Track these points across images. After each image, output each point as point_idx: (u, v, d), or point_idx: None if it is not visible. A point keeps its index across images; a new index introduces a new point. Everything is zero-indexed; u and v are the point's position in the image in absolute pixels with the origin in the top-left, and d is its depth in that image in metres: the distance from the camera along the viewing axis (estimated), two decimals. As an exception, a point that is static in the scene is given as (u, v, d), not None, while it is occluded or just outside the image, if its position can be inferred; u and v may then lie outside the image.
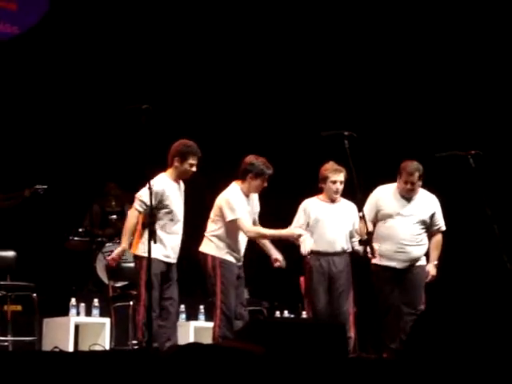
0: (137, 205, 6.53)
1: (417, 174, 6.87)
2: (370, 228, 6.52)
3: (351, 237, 7.01)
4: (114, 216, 9.66)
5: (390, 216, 6.92)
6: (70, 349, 7.63)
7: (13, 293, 7.88)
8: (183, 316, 8.32)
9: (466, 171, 6.47)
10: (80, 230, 9.50)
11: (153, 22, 10.17)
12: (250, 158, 6.74)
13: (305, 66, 10.09)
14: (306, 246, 6.66)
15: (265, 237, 6.78)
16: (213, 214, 6.77)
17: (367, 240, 6.26)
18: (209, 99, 10.21)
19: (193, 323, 8.31)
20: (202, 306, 8.46)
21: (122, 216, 9.71)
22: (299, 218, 7.02)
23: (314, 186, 7.09)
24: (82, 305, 8.03)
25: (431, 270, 7.00)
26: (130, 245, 6.74)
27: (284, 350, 4.41)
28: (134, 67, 10.08)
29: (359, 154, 6.66)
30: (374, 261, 6.80)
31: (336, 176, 6.95)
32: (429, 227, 7.01)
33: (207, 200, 7.08)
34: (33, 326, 7.83)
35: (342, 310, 6.92)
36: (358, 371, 4.22)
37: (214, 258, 6.73)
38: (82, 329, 8.11)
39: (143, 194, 6.43)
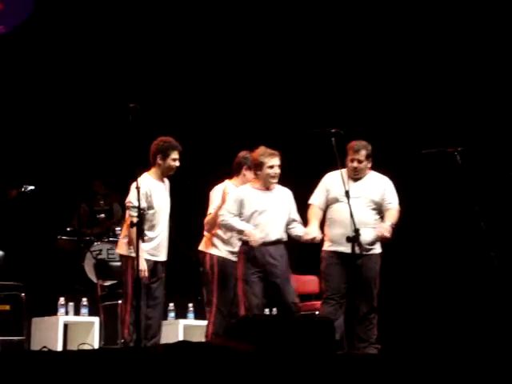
0: (132, 213, 6.45)
1: (363, 152, 6.65)
2: (317, 214, 6.55)
3: (288, 224, 6.70)
4: (102, 215, 9.66)
5: (337, 199, 6.67)
6: (59, 348, 7.62)
7: (1, 292, 7.86)
8: (172, 314, 8.32)
9: (453, 168, 6.49)
10: (68, 229, 9.50)
11: (140, 20, 10.14)
12: (244, 153, 6.87)
13: (293, 64, 10.08)
14: (256, 238, 6.50)
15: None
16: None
17: (354, 237, 6.27)
18: (196, 97, 10.19)
19: (182, 321, 8.30)
20: (191, 305, 8.45)
21: (111, 215, 9.72)
22: (232, 208, 6.65)
23: (303, 183, 7.08)
24: (71, 304, 8.02)
25: (383, 228, 6.63)
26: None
27: (273, 347, 4.42)
28: (120, 66, 10.05)
29: (346, 151, 6.70)
30: (323, 247, 6.74)
31: (273, 160, 6.61)
32: (380, 208, 6.75)
33: (201, 199, 7.11)
34: (21, 326, 7.81)
35: (288, 301, 6.55)
36: (346, 367, 4.24)
37: (211, 256, 6.87)
38: (71, 328, 8.10)
39: (132, 200, 6.44)
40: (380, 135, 9.64)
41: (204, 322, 8.24)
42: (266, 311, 8.21)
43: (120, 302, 7.57)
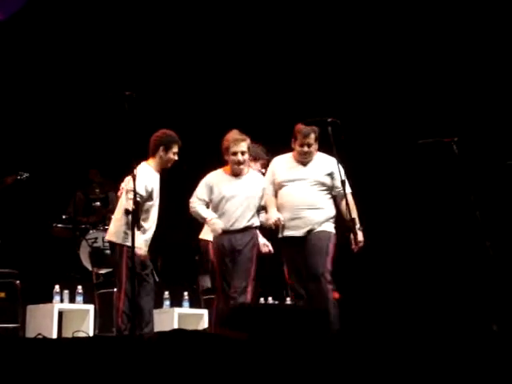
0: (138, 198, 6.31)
1: (313, 136, 6.53)
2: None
3: (258, 210, 6.63)
4: (98, 203, 9.66)
5: (283, 184, 6.59)
6: (54, 335, 7.63)
7: (-4, 280, 7.87)
8: (167, 303, 8.34)
9: (450, 158, 6.48)
10: (64, 216, 9.50)
11: (136, 8, 10.12)
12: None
13: (288, 52, 10.08)
14: (216, 227, 6.48)
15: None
16: None
17: (350, 228, 6.24)
18: (192, 86, 10.18)
19: (177, 310, 8.32)
20: (185, 293, 8.47)
21: (106, 203, 9.72)
22: (201, 194, 6.64)
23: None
24: (66, 291, 8.02)
25: (358, 236, 6.36)
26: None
27: (267, 336, 4.42)
28: (116, 54, 10.03)
29: (343, 140, 6.69)
30: (279, 234, 6.63)
31: (236, 147, 6.52)
32: (330, 190, 6.60)
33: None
34: (16, 313, 7.81)
35: (241, 286, 6.46)
36: (341, 355, 4.25)
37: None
38: (66, 315, 8.11)
39: (133, 186, 6.39)
40: (377, 125, 9.67)
41: (199, 311, 8.27)
42: (261, 300, 8.23)
43: (115, 290, 7.58)
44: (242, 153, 6.54)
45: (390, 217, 9.41)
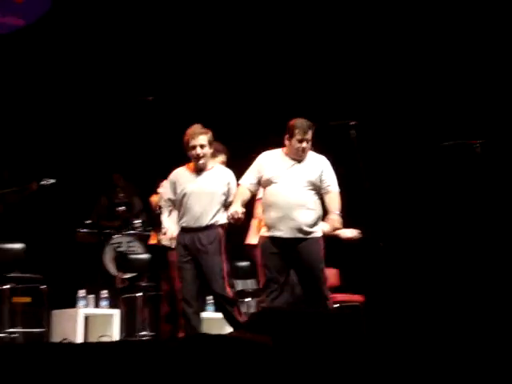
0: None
1: (310, 132, 6.24)
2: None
3: (227, 207, 6.38)
4: (122, 208, 9.68)
5: (273, 180, 6.26)
6: (79, 340, 7.67)
7: (22, 285, 7.91)
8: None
9: (472, 160, 6.44)
10: (88, 221, 9.53)
11: (160, 13, 10.16)
12: None
13: (311, 56, 10.06)
14: (163, 237, 6.46)
15: None
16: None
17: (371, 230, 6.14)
18: (213, 90, 10.18)
19: (202, 314, 8.32)
20: (210, 297, 8.46)
21: (130, 208, 9.74)
22: (166, 193, 6.53)
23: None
24: (91, 296, 8.06)
25: (332, 221, 6.27)
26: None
27: (292, 340, 4.42)
28: (139, 59, 10.07)
29: (365, 143, 6.67)
30: (261, 233, 6.34)
31: (194, 140, 6.30)
32: (319, 190, 6.31)
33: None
34: (42, 318, 7.87)
35: (215, 291, 6.36)
36: (369, 361, 4.24)
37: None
38: (91, 320, 8.14)
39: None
40: (398, 127, 9.63)
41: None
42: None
43: (139, 294, 7.64)
44: (201, 146, 6.33)
45: (413, 219, 9.37)
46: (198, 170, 6.41)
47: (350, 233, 6.36)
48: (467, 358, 4.32)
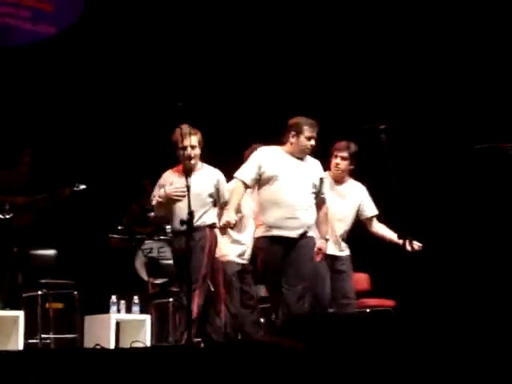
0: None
1: (317, 130, 6.23)
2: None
3: (220, 207, 6.30)
4: (153, 213, 9.71)
5: (276, 178, 6.12)
6: (111, 346, 7.69)
7: (54, 291, 7.97)
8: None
9: (506, 164, 6.37)
10: (119, 227, 9.57)
11: (191, 20, 10.20)
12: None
13: (339, 59, 10.04)
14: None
15: None
16: None
17: (405, 234, 6.06)
18: (242, 94, 10.19)
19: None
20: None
21: (161, 213, 9.76)
22: (155, 192, 6.48)
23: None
24: (123, 302, 8.09)
25: (323, 246, 6.23)
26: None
27: (324, 345, 4.40)
28: (169, 65, 10.10)
29: (395, 147, 6.62)
30: (259, 234, 6.17)
31: (185, 141, 6.11)
32: (317, 194, 6.26)
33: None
34: (74, 324, 7.92)
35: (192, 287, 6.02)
36: (404, 366, 4.21)
37: None
38: (123, 326, 8.17)
39: None
40: (431, 131, 9.57)
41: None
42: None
43: (170, 300, 7.66)
44: (192, 147, 6.20)
45: (444, 223, 9.30)
46: (187, 172, 6.21)
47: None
48: (501, 364, 4.27)
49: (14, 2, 9.91)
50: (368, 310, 7.60)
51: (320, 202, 6.34)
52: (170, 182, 6.39)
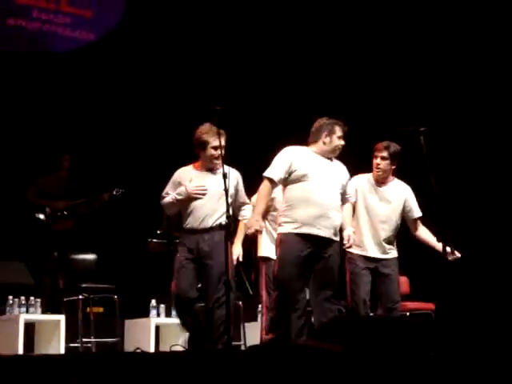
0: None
1: (346, 129, 6.19)
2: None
3: (237, 208, 6.27)
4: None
5: (308, 176, 6.03)
6: (152, 349, 7.73)
7: (95, 295, 8.02)
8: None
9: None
10: (158, 232, 9.60)
11: (224, 25, 10.23)
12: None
13: (381, 63, 10.00)
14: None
15: None
16: None
17: (445, 240, 6.00)
18: (286, 100, 10.18)
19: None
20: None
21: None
22: (168, 189, 6.45)
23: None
24: (162, 306, 8.11)
25: (350, 233, 6.13)
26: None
27: (363, 348, 4.39)
28: (205, 69, 10.14)
29: (435, 149, 6.58)
30: (283, 230, 6.02)
31: (215, 141, 6.09)
32: (343, 195, 6.23)
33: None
34: (115, 328, 7.96)
35: (216, 297, 6.03)
36: (437, 369, 4.19)
37: None
38: (163, 329, 8.20)
39: None
40: (470, 133, 9.49)
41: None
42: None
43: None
44: (219, 147, 6.07)
45: (485, 226, 9.23)
46: (206, 170, 6.24)
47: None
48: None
49: (53, 8, 10.01)
50: (408, 314, 7.55)
51: (345, 202, 6.30)
52: (189, 178, 6.33)
